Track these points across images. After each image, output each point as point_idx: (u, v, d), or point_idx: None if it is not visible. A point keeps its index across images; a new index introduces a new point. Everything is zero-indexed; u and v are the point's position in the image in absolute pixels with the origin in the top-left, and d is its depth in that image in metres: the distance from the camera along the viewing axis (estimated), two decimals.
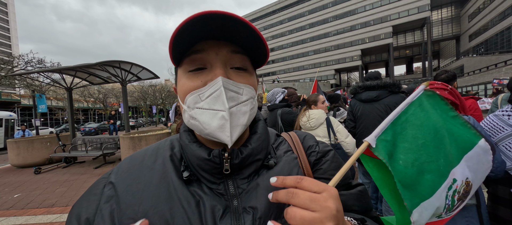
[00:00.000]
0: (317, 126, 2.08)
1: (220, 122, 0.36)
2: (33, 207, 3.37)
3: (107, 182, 0.42)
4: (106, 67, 6.44)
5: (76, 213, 0.39)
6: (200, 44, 0.37)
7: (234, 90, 0.38)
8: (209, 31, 0.35)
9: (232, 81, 0.38)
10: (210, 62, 0.38)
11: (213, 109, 0.37)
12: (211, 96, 0.37)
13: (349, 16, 50.08)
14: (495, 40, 32.76)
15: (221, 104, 0.36)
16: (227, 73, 0.39)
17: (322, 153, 0.51)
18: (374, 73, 2.44)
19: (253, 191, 0.41)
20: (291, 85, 38.01)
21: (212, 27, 0.34)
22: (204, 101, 0.37)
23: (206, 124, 0.37)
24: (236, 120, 0.38)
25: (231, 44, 0.39)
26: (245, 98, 0.40)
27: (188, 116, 0.40)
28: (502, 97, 2.49)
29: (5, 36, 58.63)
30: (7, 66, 13.12)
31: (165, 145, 0.48)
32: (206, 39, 0.37)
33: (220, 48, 0.38)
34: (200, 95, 0.38)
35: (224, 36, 0.37)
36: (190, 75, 0.39)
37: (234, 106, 0.37)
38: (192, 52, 0.38)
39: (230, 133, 0.36)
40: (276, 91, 2.61)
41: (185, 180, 0.41)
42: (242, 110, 0.39)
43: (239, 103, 0.39)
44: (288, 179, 0.34)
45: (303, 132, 0.58)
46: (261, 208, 0.39)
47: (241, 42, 0.38)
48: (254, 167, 0.43)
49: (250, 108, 0.40)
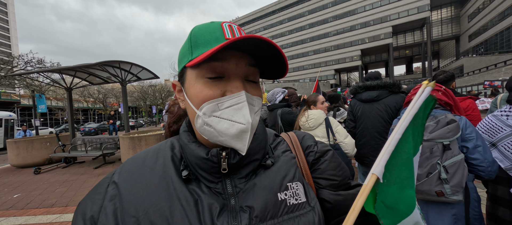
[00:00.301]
0: (316, 126, 2.07)
1: (238, 132, 0.38)
2: (32, 207, 3.36)
3: (110, 182, 0.43)
4: (106, 67, 6.44)
5: (82, 211, 0.41)
6: (221, 53, 0.37)
7: (252, 103, 0.41)
8: (234, 42, 0.36)
9: (250, 95, 0.41)
10: (229, 72, 0.39)
11: (231, 120, 0.38)
12: (231, 108, 0.38)
13: (349, 16, 50.11)
14: (494, 40, 32.79)
15: (242, 117, 0.38)
16: (245, 86, 0.41)
17: (321, 152, 0.51)
18: (374, 73, 2.44)
19: (250, 191, 0.42)
20: (291, 85, 38.04)
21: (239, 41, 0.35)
22: (222, 111, 0.39)
23: (222, 132, 0.39)
24: (253, 130, 0.41)
25: (249, 56, 0.41)
26: (257, 109, 0.43)
27: (202, 121, 0.40)
28: (501, 98, 2.50)
29: (5, 36, 58.59)
30: (6, 66, 13.11)
31: (166, 145, 0.49)
32: (228, 48, 0.38)
33: (240, 60, 0.39)
34: (219, 104, 0.39)
35: (246, 49, 0.39)
36: (207, 83, 0.39)
37: (253, 119, 0.40)
38: (212, 59, 0.38)
39: (247, 142, 0.39)
40: (276, 91, 2.61)
41: (184, 179, 0.42)
42: (256, 120, 0.42)
43: (254, 114, 0.41)
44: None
45: (303, 132, 0.58)
46: (258, 207, 0.40)
47: (258, 56, 0.40)
48: (251, 166, 0.44)
49: (259, 117, 0.44)
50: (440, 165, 1.15)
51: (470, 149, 1.19)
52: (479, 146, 1.18)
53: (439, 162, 1.16)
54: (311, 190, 0.47)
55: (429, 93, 0.49)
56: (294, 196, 0.43)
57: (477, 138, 1.20)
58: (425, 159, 1.20)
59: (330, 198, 0.47)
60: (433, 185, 1.17)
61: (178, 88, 0.47)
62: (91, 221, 0.39)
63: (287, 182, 0.44)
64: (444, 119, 1.21)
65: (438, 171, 1.16)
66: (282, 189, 0.43)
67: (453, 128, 1.17)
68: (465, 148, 1.20)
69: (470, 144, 1.19)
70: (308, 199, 0.44)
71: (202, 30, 0.41)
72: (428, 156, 1.19)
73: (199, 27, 0.42)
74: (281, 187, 0.43)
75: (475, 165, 1.18)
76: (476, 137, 1.20)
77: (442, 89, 1.38)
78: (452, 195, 1.14)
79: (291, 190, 0.43)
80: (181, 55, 0.44)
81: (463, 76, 29.61)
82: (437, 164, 1.16)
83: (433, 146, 1.19)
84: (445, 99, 1.36)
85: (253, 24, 65.45)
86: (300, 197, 0.43)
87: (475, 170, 1.19)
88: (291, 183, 0.44)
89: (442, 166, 1.15)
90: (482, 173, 1.17)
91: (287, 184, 0.44)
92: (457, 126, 1.18)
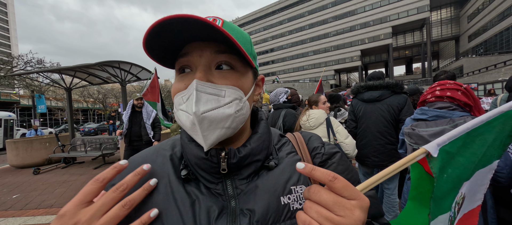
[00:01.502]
0: (316, 126, 2.07)
1: (190, 125, 0.37)
2: (32, 208, 3.35)
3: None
4: (105, 68, 6.42)
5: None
6: (185, 47, 0.38)
7: (212, 92, 0.37)
8: (191, 33, 0.35)
9: (210, 84, 0.37)
10: (195, 64, 0.39)
11: (187, 112, 0.37)
12: (188, 99, 0.37)
13: (349, 17, 50.15)
14: (494, 40, 32.84)
15: (191, 107, 0.36)
16: (209, 76, 0.38)
17: (328, 155, 0.49)
18: (377, 73, 2.42)
19: (251, 193, 0.40)
20: (291, 85, 37.99)
21: (193, 30, 0.34)
22: (184, 104, 0.38)
23: (184, 125, 0.39)
24: (215, 123, 0.37)
25: (217, 44, 0.38)
26: (228, 100, 0.38)
27: (176, 116, 0.41)
28: (501, 98, 2.49)
29: (5, 37, 58.53)
30: (6, 67, 13.08)
31: (167, 144, 0.48)
32: (190, 41, 0.38)
33: (203, 49, 0.38)
34: (182, 97, 0.38)
35: (206, 37, 0.36)
36: (178, 78, 0.40)
37: (211, 110, 0.36)
38: (180, 55, 0.39)
39: (201, 136, 0.36)
40: (279, 91, 2.60)
41: (183, 178, 0.41)
42: (225, 112, 0.37)
43: (220, 106, 0.37)
44: (319, 171, 0.30)
45: (309, 132, 0.56)
46: (259, 211, 0.38)
47: (226, 41, 0.35)
48: (253, 167, 0.42)
49: (235, 110, 0.38)
50: None
51: None
52: None
53: None
54: None
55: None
56: (298, 200, 0.41)
57: None
58: None
59: None
60: None
61: None
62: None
63: (291, 186, 0.42)
64: (464, 123, 1.15)
65: None
66: (286, 193, 0.41)
67: None
68: None
69: None
70: None
71: None
72: None
73: None
74: (285, 190, 0.41)
75: (496, 171, 1.11)
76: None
77: (462, 88, 1.30)
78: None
79: (295, 194, 0.41)
80: None
81: (462, 76, 29.62)
82: None
83: None
84: (465, 99, 1.28)
85: (253, 24, 65.47)
86: (304, 201, 0.42)
87: (494, 176, 1.13)
88: (295, 187, 0.42)
89: None
90: (502, 180, 1.11)
91: (291, 188, 0.41)
92: None
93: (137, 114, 3.77)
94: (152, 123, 3.84)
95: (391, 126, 2.11)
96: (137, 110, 3.79)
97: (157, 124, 3.93)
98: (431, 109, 1.32)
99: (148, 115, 3.81)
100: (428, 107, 1.38)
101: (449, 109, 1.28)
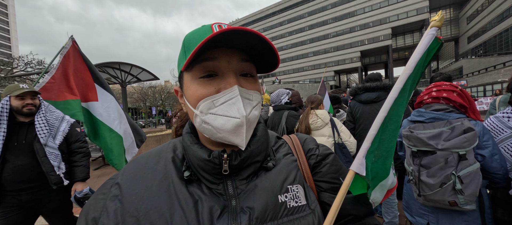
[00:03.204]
0: (323, 126, 2.11)
1: (234, 127, 0.39)
2: None
3: (114, 183, 0.45)
4: (106, 69, 6.45)
5: (86, 212, 0.42)
6: (211, 52, 0.38)
7: (247, 97, 0.41)
8: (222, 40, 0.36)
9: (245, 89, 0.41)
10: (222, 70, 0.40)
11: (227, 115, 0.38)
12: (226, 103, 0.39)
13: (349, 18, 50.30)
14: (493, 42, 32.93)
15: (236, 111, 0.38)
16: (239, 81, 0.41)
17: (322, 156, 0.51)
18: (374, 75, 2.45)
19: (251, 192, 0.42)
20: (291, 86, 38.10)
21: (226, 37, 0.35)
22: (217, 108, 0.39)
23: (219, 129, 0.39)
24: (251, 124, 0.41)
25: (241, 52, 0.41)
26: (255, 103, 0.42)
27: (200, 120, 0.41)
28: (500, 99, 2.51)
29: (5, 38, 58.71)
30: (7, 68, 13.11)
31: (168, 147, 0.50)
32: (218, 47, 0.38)
33: (231, 56, 0.40)
34: (214, 101, 0.39)
35: (236, 46, 0.39)
36: (202, 82, 0.40)
37: (250, 113, 0.40)
38: (203, 59, 0.39)
39: (245, 137, 0.40)
40: (280, 92, 2.61)
41: (186, 179, 0.43)
42: (255, 114, 0.42)
43: (252, 108, 0.41)
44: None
45: (304, 134, 0.58)
46: (258, 208, 0.40)
47: (250, 51, 0.40)
48: (252, 168, 0.45)
49: (259, 112, 0.44)
50: (455, 176, 1.09)
51: (487, 158, 1.12)
52: (496, 154, 1.13)
53: (454, 173, 1.10)
54: (312, 193, 0.47)
55: (435, 36, 0.45)
56: (294, 198, 0.43)
57: (494, 146, 1.15)
58: (439, 169, 1.14)
59: (331, 201, 0.47)
60: (447, 195, 1.12)
61: (179, 94, 0.48)
62: (93, 222, 0.40)
63: (287, 185, 0.44)
64: (461, 126, 1.14)
65: (452, 181, 1.10)
66: (283, 191, 0.43)
67: (470, 137, 1.09)
68: (481, 156, 1.14)
69: (486, 151, 1.13)
70: (309, 202, 0.44)
71: (193, 34, 0.42)
72: (442, 166, 1.13)
73: (190, 33, 0.43)
74: (282, 189, 0.43)
75: (492, 173, 1.13)
76: (493, 144, 1.15)
77: (458, 90, 1.32)
78: (465, 205, 1.10)
79: (291, 192, 0.44)
80: (178, 62, 0.45)
81: (462, 77, 29.68)
82: (451, 174, 1.10)
83: (448, 156, 1.12)
84: (460, 101, 1.30)
85: (253, 25, 65.61)
86: (300, 199, 0.44)
87: (491, 177, 1.15)
88: (292, 186, 0.44)
89: (457, 177, 1.09)
90: (499, 181, 1.13)
91: (288, 187, 0.44)
92: (475, 134, 1.10)
93: (22, 128, 1.65)
94: (66, 143, 1.80)
95: None
96: (22, 121, 1.66)
97: (78, 144, 1.86)
98: (428, 112, 1.34)
99: (52, 128, 1.72)
100: (425, 109, 1.40)
101: (446, 112, 1.29)
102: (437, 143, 1.15)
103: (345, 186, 0.42)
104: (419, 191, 1.22)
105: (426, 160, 1.20)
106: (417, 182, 1.22)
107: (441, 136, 1.16)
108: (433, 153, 1.17)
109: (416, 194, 1.27)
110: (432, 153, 1.17)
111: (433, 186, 1.15)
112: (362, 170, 0.43)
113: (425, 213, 1.34)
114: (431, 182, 1.15)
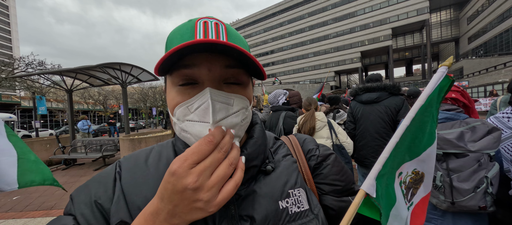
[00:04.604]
0: (321, 128, 2.12)
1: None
2: (32, 209, 3.35)
3: (115, 171, 0.43)
4: (106, 69, 6.45)
5: (87, 193, 0.41)
6: (190, 58, 0.35)
7: (223, 101, 0.36)
8: (201, 46, 0.32)
9: (222, 92, 0.36)
10: (202, 78, 0.36)
11: (203, 121, 0.35)
12: (200, 108, 0.35)
13: (349, 19, 50.31)
14: (494, 42, 32.88)
15: (209, 117, 0.34)
16: (219, 88, 0.37)
17: (323, 156, 0.49)
18: (375, 75, 2.46)
19: (250, 198, 0.40)
20: (291, 87, 38.09)
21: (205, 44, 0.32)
22: (193, 114, 0.36)
23: (197, 136, 0.36)
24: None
25: (226, 57, 0.36)
26: (236, 109, 0.38)
27: (179, 128, 0.38)
28: (501, 100, 2.51)
29: (6, 39, 58.85)
30: (7, 68, 13.13)
31: (168, 146, 0.48)
32: (197, 51, 0.34)
33: (213, 63, 0.36)
34: (189, 107, 0.36)
35: (217, 50, 0.34)
36: (180, 90, 0.37)
37: (224, 119, 0.36)
38: (182, 66, 0.35)
39: None
40: (278, 93, 2.61)
41: None
42: (233, 121, 0.37)
43: (229, 114, 0.37)
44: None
45: (303, 135, 0.56)
46: (258, 218, 0.38)
47: (236, 55, 0.35)
48: (250, 172, 0.41)
49: (241, 119, 0.39)
50: (488, 178, 1.04)
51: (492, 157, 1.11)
52: (499, 152, 1.15)
53: (487, 175, 1.05)
54: (314, 196, 0.45)
55: (445, 74, 0.44)
56: (296, 203, 0.41)
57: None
58: (472, 172, 1.07)
59: (334, 204, 0.45)
60: (478, 200, 1.06)
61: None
62: (96, 205, 0.39)
63: (288, 189, 0.42)
64: (483, 126, 1.10)
65: (485, 184, 1.05)
66: (284, 197, 0.40)
67: (498, 136, 1.06)
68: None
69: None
70: (311, 206, 0.42)
71: (175, 33, 0.38)
72: (475, 169, 1.06)
73: (174, 30, 0.39)
74: (283, 194, 0.41)
75: (507, 172, 1.14)
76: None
77: (461, 90, 1.31)
78: (490, 207, 1.05)
79: (293, 197, 0.41)
80: None
81: (463, 78, 29.62)
82: (485, 177, 1.04)
83: (480, 158, 1.06)
84: (463, 100, 1.29)
85: (253, 26, 65.69)
86: (302, 204, 0.41)
87: (507, 177, 1.15)
88: (293, 190, 0.42)
89: (490, 179, 1.04)
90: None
91: (289, 191, 0.41)
92: (500, 134, 1.08)
93: None
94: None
95: (389, 127, 2.14)
96: None
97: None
98: (441, 112, 1.29)
99: None
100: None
101: (457, 112, 1.26)
102: (466, 144, 1.09)
103: (354, 206, 0.38)
104: (452, 198, 1.10)
105: (455, 163, 1.10)
106: (450, 188, 1.11)
107: (463, 137, 1.10)
108: (462, 155, 1.09)
109: (445, 203, 1.13)
110: (461, 155, 1.09)
111: (466, 192, 1.06)
112: (372, 191, 0.41)
113: (434, 217, 1.26)
114: (464, 187, 1.06)
